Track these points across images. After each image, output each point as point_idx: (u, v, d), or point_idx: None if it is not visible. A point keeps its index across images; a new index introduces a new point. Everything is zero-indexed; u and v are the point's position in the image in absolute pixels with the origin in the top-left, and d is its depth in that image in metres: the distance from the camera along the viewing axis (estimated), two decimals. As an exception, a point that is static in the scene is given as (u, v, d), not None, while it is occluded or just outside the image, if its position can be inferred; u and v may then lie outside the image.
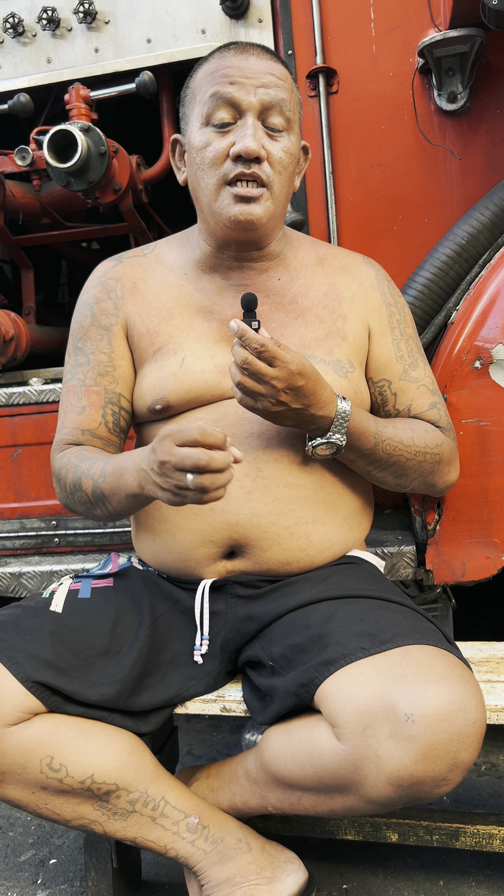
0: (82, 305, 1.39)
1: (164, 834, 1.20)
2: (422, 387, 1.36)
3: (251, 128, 1.19)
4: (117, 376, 1.34)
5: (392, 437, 1.26)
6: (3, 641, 1.14)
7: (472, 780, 1.74)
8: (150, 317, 1.33)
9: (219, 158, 1.21)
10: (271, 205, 1.23)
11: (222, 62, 1.22)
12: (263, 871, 1.23)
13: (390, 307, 1.38)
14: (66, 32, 1.96)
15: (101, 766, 1.14)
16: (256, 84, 1.20)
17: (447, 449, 1.34)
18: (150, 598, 1.29)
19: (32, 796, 1.13)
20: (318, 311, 1.32)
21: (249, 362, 1.11)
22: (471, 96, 1.76)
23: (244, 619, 1.28)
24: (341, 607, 1.18)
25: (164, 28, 1.90)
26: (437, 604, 1.75)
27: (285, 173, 1.24)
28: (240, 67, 1.21)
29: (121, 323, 1.35)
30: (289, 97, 1.24)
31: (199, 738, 2.03)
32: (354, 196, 1.86)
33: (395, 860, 1.47)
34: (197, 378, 1.27)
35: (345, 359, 1.30)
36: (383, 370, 1.35)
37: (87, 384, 1.34)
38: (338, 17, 1.82)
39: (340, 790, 1.08)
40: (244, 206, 1.21)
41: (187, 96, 1.29)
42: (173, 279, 1.35)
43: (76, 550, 1.90)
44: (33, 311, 2.31)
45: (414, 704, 0.98)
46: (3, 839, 1.68)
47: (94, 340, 1.35)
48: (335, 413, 1.19)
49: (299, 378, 1.13)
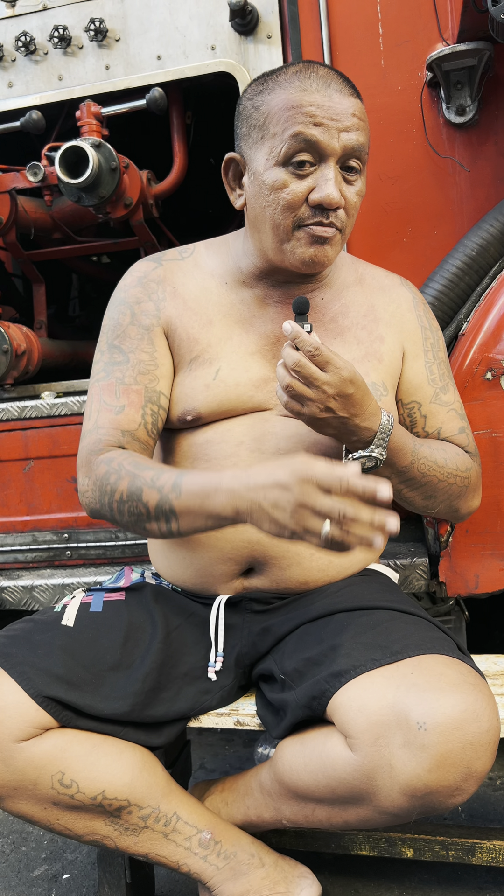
0: (120, 303, 1.32)
1: (177, 849, 1.19)
2: (451, 411, 1.36)
3: (333, 175, 1.16)
4: (159, 374, 1.28)
5: (427, 456, 1.25)
6: (15, 657, 1.13)
7: (488, 795, 1.72)
8: (192, 322, 1.29)
9: (296, 203, 1.17)
10: (339, 246, 1.23)
11: (305, 97, 1.16)
12: (277, 887, 1.22)
13: (425, 330, 1.37)
14: (77, 50, 1.99)
15: (113, 781, 1.14)
16: (341, 127, 1.15)
17: (474, 474, 1.34)
18: (164, 612, 1.29)
19: (44, 812, 1.13)
20: (356, 332, 1.32)
21: (302, 365, 1.09)
22: (479, 109, 1.77)
23: (260, 633, 1.28)
24: (354, 619, 1.18)
25: (174, 45, 1.92)
26: (451, 616, 1.74)
27: (355, 214, 1.23)
28: (325, 107, 1.15)
29: (162, 325, 1.30)
30: (366, 140, 1.20)
31: (212, 752, 2.02)
32: (364, 208, 1.87)
33: (411, 876, 1.46)
34: (231, 391, 1.26)
35: (380, 382, 1.29)
36: (414, 392, 1.35)
37: (125, 382, 1.27)
38: (346, 32, 1.83)
39: (354, 801, 1.07)
40: (319, 248, 1.19)
41: (255, 119, 1.21)
42: (213, 286, 1.32)
43: (88, 563, 1.90)
44: (45, 325, 2.33)
45: (426, 713, 0.98)
46: (17, 854, 1.67)
47: (133, 339, 1.29)
48: (379, 426, 1.18)
49: (350, 385, 1.11)
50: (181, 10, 1.91)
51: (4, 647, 1.15)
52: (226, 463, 1.25)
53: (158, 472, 1.16)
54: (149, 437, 1.27)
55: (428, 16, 1.77)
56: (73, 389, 2.00)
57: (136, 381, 1.27)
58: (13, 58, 2.03)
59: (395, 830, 1.34)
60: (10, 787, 1.10)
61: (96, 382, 1.29)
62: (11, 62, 2.03)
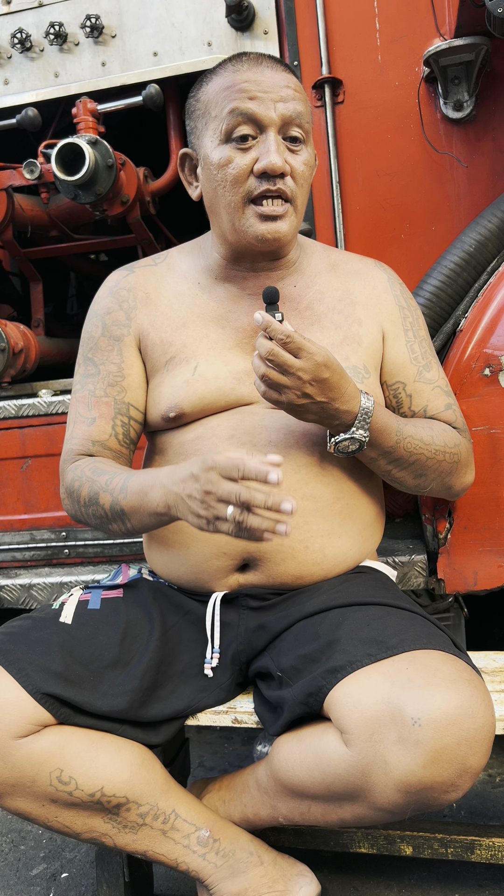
0: (93, 316, 1.37)
1: (175, 847, 1.19)
2: (436, 388, 1.36)
3: (274, 143, 1.19)
4: (126, 385, 1.33)
5: (413, 434, 1.25)
6: (13, 653, 1.13)
7: (487, 792, 1.72)
8: (164, 327, 1.32)
9: (241, 176, 1.20)
10: (294, 219, 1.24)
11: (238, 76, 1.21)
12: (275, 885, 1.22)
13: (403, 310, 1.37)
14: (73, 47, 1.98)
15: (111, 778, 1.14)
16: (275, 98, 1.19)
17: (464, 449, 1.33)
18: (161, 609, 1.29)
19: (42, 809, 1.13)
20: (333, 317, 1.32)
21: (275, 353, 1.10)
22: (477, 104, 1.76)
23: (255, 630, 1.27)
24: (350, 615, 1.18)
25: (170, 41, 1.92)
26: (450, 613, 1.74)
27: (306, 185, 1.25)
28: (257, 81, 1.20)
29: (133, 333, 1.34)
30: (305, 109, 1.23)
31: (211, 750, 2.02)
32: (361, 205, 1.87)
33: (410, 873, 1.45)
34: (210, 384, 1.27)
35: (360, 364, 1.30)
36: (398, 372, 1.35)
37: (96, 395, 1.33)
38: (343, 27, 1.83)
39: (349, 798, 1.07)
40: (271, 225, 1.21)
41: (198, 110, 1.27)
42: (186, 288, 1.35)
43: (86, 562, 1.89)
44: (42, 323, 2.32)
45: (421, 708, 0.97)
46: (15, 853, 1.67)
47: (104, 351, 1.34)
48: (359, 408, 1.18)
49: (325, 370, 1.12)
50: (177, 6, 1.90)
51: (2, 643, 1.15)
52: None
53: (112, 475, 1.23)
54: (121, 446, 1.34)
55: (425, 11, 1.77)
56: (71, 388, 1.99)
57: (105, 392, 1.33)
58: (9, 55, 2.02)
59: (393, 828, 1.34)
60: (9, 784, 1.10)
61: (74, 395, 1.37)
62: (7, 59, 2.03)
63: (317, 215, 1.89)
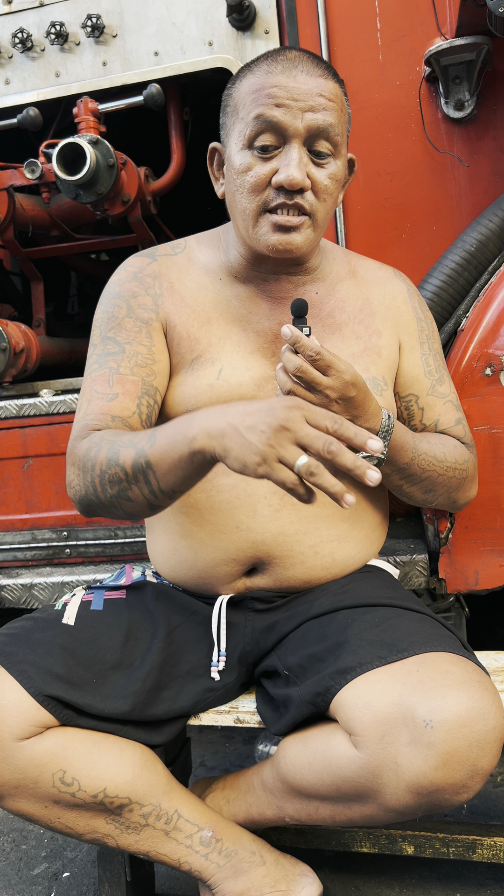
0: (114, 297, 1.28)
1: (178, 847, 1.19)
2: (448, 402, 1.36)
3: (296, 156, 1.13)
4: (156, 370, 1.24)
5: (427, 451, 1.25)
6: (15, 655, 1.13)
7: (489, 792, 1.72)
8: (190, 320, 1.27)
9: (260, 185, 1.16)
10: (311, 233, 1.19)
11: (269, 79, 1.14)
12: (278, 885, 1.22)
13: (420, 322, 1.37)
14: (74, 47, 1.98)
15: (114, 779, 1.14)
16: (304, 108, 1.13)
17: (472, 465, 1.34)
18: (165, 611, 1.28)
19: (45, 810, 1.13)
20: (353, 327, 1.30)
21: (304, 370, 1.07)
22: (478, 104, 1.76)
23: (263, 630, 1.27)
24: (358, 616, 1.17)
25: (171, 41, 1.92)
26: (451, 613, 1.74)
27: (330, 199, 1.19)
28: (287, 87, 1.13)
29: (160, 320, 1.27)
30: (338, 119, 1.17)
31: (212, 750, 2.02)
32: (362, 204, 1.86)
33: (412, 873, 1.46)
34: (234, 391, 1.24)
35: (380, 376, 1.29)
36: (411, 385, 1.34)
37: (121, 373, 1.21)
38: (344, 26, 1.82)
39: (359, 799, 1.07)
40: (283, 236, 1.17)
41: (229, 106, 1.22)
42: (209, 282, 1.30)
43: (88, 561, 1.89)
44: (43, 322, 2.32)
45: (433, 710, 0.97)
46: (17, 852, 1.67)
47: (129, 331, 1.25)
48: (380, 426, 1.17)
49: (352, 388, 1.10)
50: (178, 5, 1.90)
51: (4, 645, 1.15)
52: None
53: (136, 434, 1.09)
54: (143, 427, 1.21)
55: (426, 10, 1.77)
56: (72, 387, 1.99)
57: (132, 371, 1.22)
58: (10, 54, 2.02)
59: (395, 827, 1.34)
60: (11, 785, 1.10)
61: (89, 375, 1.24)
62: (8, 59, 2.03)
63: (318, 215, 1.89)
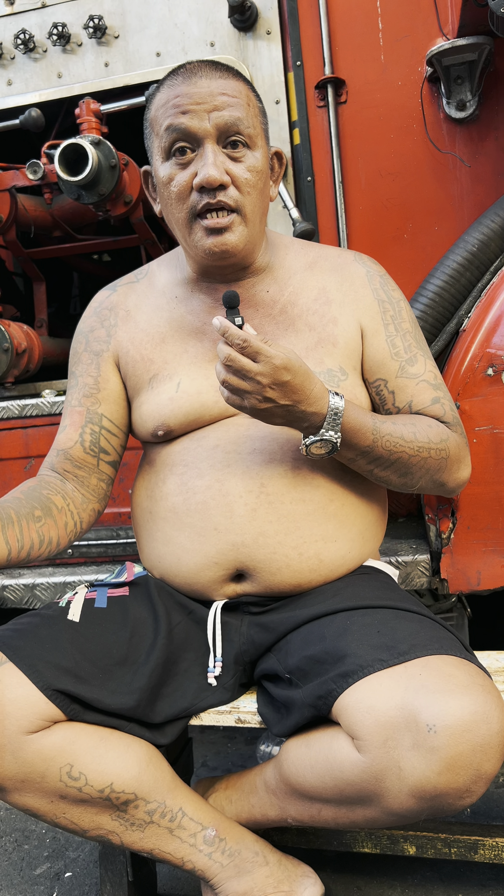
0: (78, 334, 1.42)
1: (181, 846, 1.19)
2: (422, 382, 1.31)
3: (210, 156, 1.17)
4: (101, 397, 1.36)
5: (392, 432, 1.21)
6: (23, 649, 1.13)
7: (491, 793, 1.72)
8: (144, 343, 1.34)
9: (184, 192, 1.20)
10: (244, 229, 1.22)
11: (171, 91, 1.20)
12: (280, 885, 1.22)
13: (383, 303, 1.33)
14: (76, 48, 1.98)
15: (121, 774, 1.14)
16: (209, 108, 1.17)
17: (454, 444, 1.29)
18: (166, 608, 1.29)
19: (51, 805, 1.13)
20: (307, 319, 1.30)
21: (232, 358, 1.09)
22: (480, 104, 1.76)
23: (258, 630, 1.27)
24: (357, 618, 1.17)
25: (173, 42, 1.92)
26: (453, 613, 1.74)
27: (254, 192, 1.22)
28: (189, 94, 1.18)
29: (111, 350, 1.37)
30: (245, 113, 1.20)
31: (214, 750, 2.02)
32: (364, 205, 1.87)
33: (413, 873, 1.46)
34: (194, 400, 1.27)
35: (336, 367, 1.28)
36: (378, 370, 1.31)
37: (72, 405, 1.38)
38: (346, 27, 1.83)
39: (362, 802, 1.06)
40: (217, 238, 1.20)
41: (147, 129, 1.27)
42: (164, 302, 1.36)
43: (89, 561, 1.90)
44: (45, 323, 2.33)
45: (436, 715, 0.97)
46: (19, 852, 1.67)
47: (84, 364, 1.39)
48: (327, 409, 1.16)
49: (285, 373, 1.10)
50: (180, 6, 1.91)
51: (12, 639, 1.15)
52: (202, 465, 1.26)
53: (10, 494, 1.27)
54: (86, 454, 1.36)
55: (428, 10, 1.77)
56: (74, 387, 1.99)
57: (79, 402, 1.38)
58: (12, 55, 2.03)
59: (397, 828, 1.33)
60: (18, 779, 1.10)
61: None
62: (10, 60, 2.03)
63: (320, 215, 1.89)
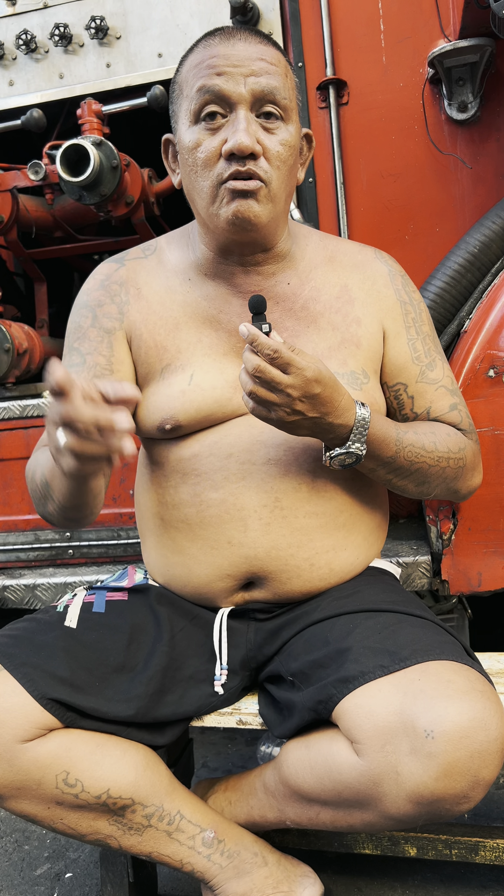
0: (82, 307, 1.31)
1: (180, 848, 1.19)
2: (441, 388, 1.29)
3: (243, 122, 1.10)
4: (114, 380, 1.23)
5: (414, 443, 1.19)
6: (18, 657, 1.12)
7: (492, 794, 1.72)
8: (157, 327, 1.26)
9: (211, 159, 1.13)
10: (271, 205, 1.15)
11: (207, 51, 1.13)
12: (280, 886, 1.22)
13: (405, 305, 1.30)
14: (77, 48, 1.98)
15: (117, 780, 1.13)
16: (246, 73, 1.11)
17: (470, 452, 1.27)
18: (168, 614, 1.28)
19: (48, 811, 1.13)
20: (330, 317, 1.25)
21: (262, 370, 1.03)
22: (481, 105, 1.76)
23: (265, 636, 1.26)
24: (360, 622, 1.16)
25: (174, 42, 1.92)
26: (454, 614, 1.74)
27: (284, 167, 1.15)
28: (226, 55, 1.11)
29: (124, 329, 1.27)
30: (283, 83, 1.14)
31: (214, 751, 2.02)
32: (365, 206, 1.87)
33: (414, 875, 1.45)
34: (207, 395, 1.21)
35: (359, 369, 1.25)
36: (399, 373, 1.28)
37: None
38: (347, 28, 1.83)
39: (359, 806, 1.06)
40: (241, 202, 1.12)
41: (174, 92, 1.20)
42: (177, 284, 1.27)
43: (90, 562, 1.90)
44: (46, 323, 2.33)
45: (433, 721, 0.96)
46: (19, 853, 1.67)
47: (92, 341, 1.27)
48: (354, 421, 1.12)
49: (316, 385, 1.06)
50: (182, 7, 1.91)
51: (7, 647, 1.14)
52: (216, 477, 1.21)
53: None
54: None
55: (429, 12, 1.77)
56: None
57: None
58: (14, 56, 2.03)
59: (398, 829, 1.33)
60: (14, 787, 1.10)
61: None
62: (12, 60, 2.03)
63: (321, 216, 1.89)
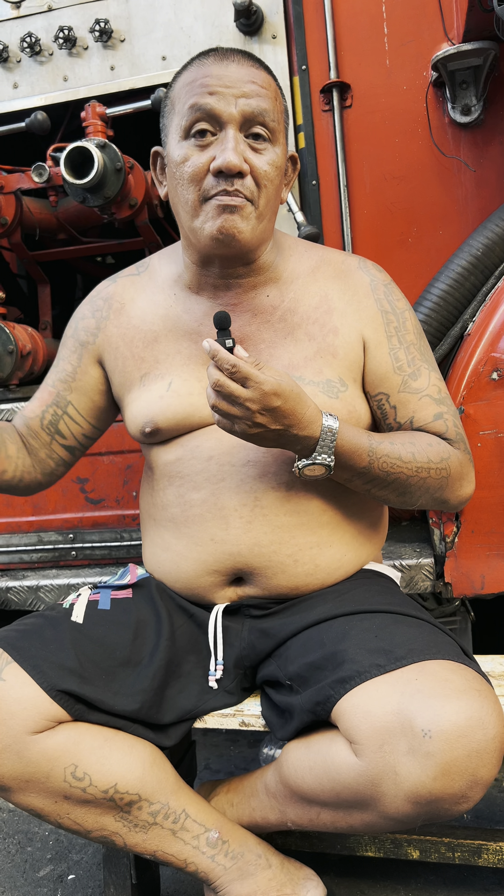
0: (72, 318, 1.43)
1: (185, 848, 1.19)
2: (425, 397, 1.27)
3: (232, 141, 1.14)
4: (74, 387, 1.38)
5: (389, 453, 1.19)
6: (27, 650, 1.14)
7: (494, 797, 1.72)
8: (135, 340, 1.32)
9: (198, 174, 1.16)
10: (255, 222, 1.18)
11: (201, 70, 1.17)
12: (283, 888, 1.22)
13: (387, 314, 1.29)
14: (82, 51, 1.99)
15: (125, 775, 1.14)
16: (237, 94, 1.14)
17: (455, 463, 1.25)
18: (169, 610, 1.30)
19: (55, 806, 1.13)
20: (307, 328, 1.26)
21: (222, 384, 1.07)
22: (485, 108, 1.77)
23: (259, 635, 1.27)
24: (356, 623, 1.17)
25: (178, 45, 1.92)
26: (456, 617, 1.74)
27: (271, 187, 1.18)
28: (219, 76, 1.15)
29: (97, 343, 1.36)
30: (272, 106, 1.17)
31: (217, 753, 2.02)
32: (369, 209, 1.87)
33: (417, 877, 1.45)
34: (184, 400, 1.25)
35: (335, 378, 1.24)
36: (380, 383, 1.28)
37: (47, 383, 1.41)
38: (351, 32, 1.83)
39: (359, 806, 1.06)
40: (228, 217, 1.15)
41: (166, 107, 1.23)
42: (161, 299, 1.33)
43: (93, 563, 1.90)
44: (50, 325, 2.33)
45: (431, 720, 0.97)
46: (22, 854, 1.67)
47: (68, 350, 1.40)
48: (320, 432, 1.14)
49: (275, 398, 1.08)
50: (186, 10, 1.91)
51: (16, 640, 1.15)
52: (198, 478, 1.25)
53: None
54: (42, 429, 1.40)
55: (433, 15, 1.77)
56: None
57: (53, 384, 1.40)
58: (18, 58, 2.03)
59: (400, 832, 1.33)
60: (23, 779, 1.10)
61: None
62: (17, 63, 2.04)
63: (324, 219, 1.89)
